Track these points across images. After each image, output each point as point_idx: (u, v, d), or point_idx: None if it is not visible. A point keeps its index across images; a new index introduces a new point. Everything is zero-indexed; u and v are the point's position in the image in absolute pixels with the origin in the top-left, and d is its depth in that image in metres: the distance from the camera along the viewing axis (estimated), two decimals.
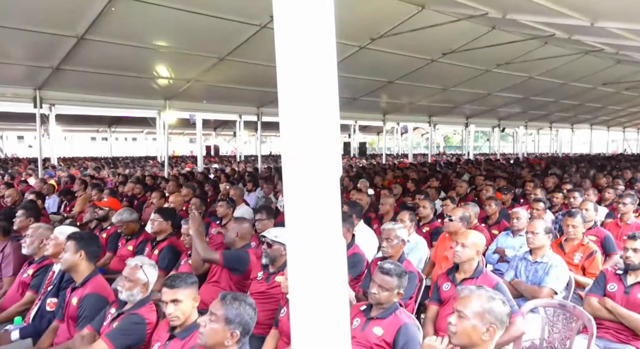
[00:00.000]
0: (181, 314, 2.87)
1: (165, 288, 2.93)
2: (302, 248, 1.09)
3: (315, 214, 1.09)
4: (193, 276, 3.04)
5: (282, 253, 3.82)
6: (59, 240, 4.00)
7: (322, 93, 1.12)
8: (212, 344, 2.39)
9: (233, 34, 9.71)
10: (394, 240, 3.97)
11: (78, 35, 8.77)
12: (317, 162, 1.10)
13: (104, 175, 13.67)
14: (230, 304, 2.42)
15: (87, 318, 3.37)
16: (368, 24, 10.08)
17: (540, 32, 10.34)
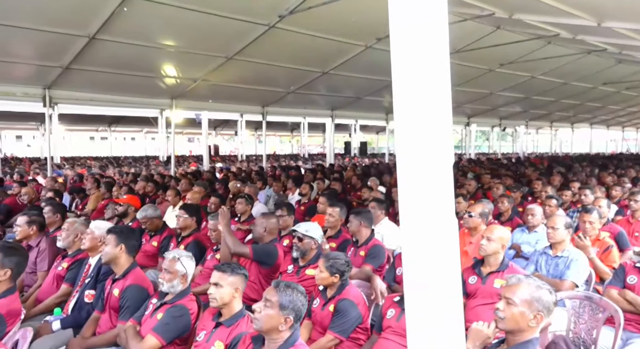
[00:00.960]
0: (219, 297, 3.01)
1: (214, 270, 3.09)
2: (417, 241, 1.17)
3: (429, 208, 1.17)
4: (243, 270, 3.15)
5: (312, 246, 3.94)
6: (95, 235, 4.11)
7: (436, 95, 1.20)
8: (267, 329, 2.51)
9: (241, 33, 9.79)
10: None
11: (89, 35, 8.84)
12: (430, 160, 1.18)
13: (110, 174, 13.72)
14: (283, 291, 2.54)
15: (129, 308, 3.48)
16: (375, 23, 10.12)
17: (544, 32, 10.46)
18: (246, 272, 3.17)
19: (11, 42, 9.08)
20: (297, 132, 36.11)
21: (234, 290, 3.05)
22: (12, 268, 3.16)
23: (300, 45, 10.69)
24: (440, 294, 1.18)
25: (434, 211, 1.18)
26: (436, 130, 1.18)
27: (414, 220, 1.19)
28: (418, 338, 1.22)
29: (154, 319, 3.26)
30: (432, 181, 1.18)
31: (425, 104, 1.19)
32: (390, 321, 3.13)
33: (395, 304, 3.22)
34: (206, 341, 3.02)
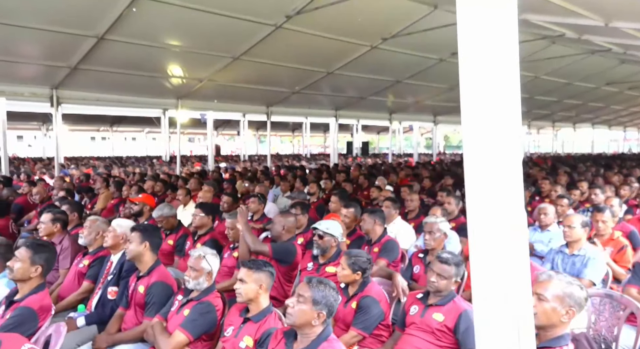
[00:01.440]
0: (243, 292, 3.07)
1: (241, 267, 3.17)
2: (488, 241, 1.20)
3: (499, 207, 1.20)
4: (269, 267, 3.20)
5: (332, 244, 3.99)
6: (117, 232, 4.16)
7: (505, 94, 1.23)
8: (300, 324, 2.55)
9: (248, 34, 9.82)
10: (436, 233, 4.12)
11: (98, 35, 8.87)
12: (501, 159, 1.21)
13: (115, 174, 13.75)
14: (316, 287, 2.58)
15: (155, 305, 3.53)
16: (381, 23, 10.20)
17: (550, 32, 10.50)
18: (273, 269, 3.22)
19: (20, 43, 9.12)
20: (298, 132, 36.17)
21: (259, 286, 3.10)
22: (43, 264, 3.21)
23: (306, 46, 10.72)
24: (511, 292, 1.21)
25: (504, 210, 1.21)
26: (506, 129, 1.21)
27: (485, 219, 1.22)
28: (487, 337, 1.24)
29: (180, 315, 3.31)
30: (503, 180, 1.20)
31: (495, 104, 1.22)
32: (414, 318, 3.18)
33: (418, 301, 3.27)
34: (234, 336, 3.07)
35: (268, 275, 3.16)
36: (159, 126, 28.01)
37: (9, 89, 10.55)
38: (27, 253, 3.20)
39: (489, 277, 1.23)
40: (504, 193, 1.21)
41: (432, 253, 4.13)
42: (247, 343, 2.99)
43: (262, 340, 2.93)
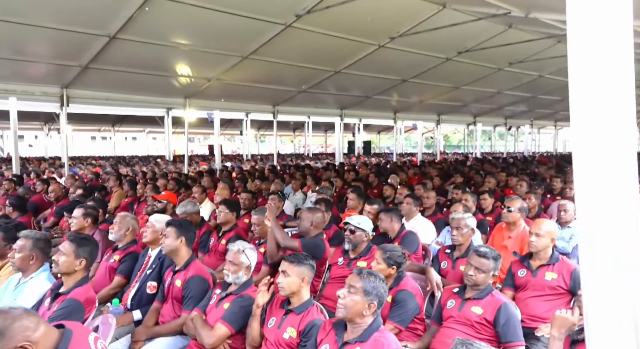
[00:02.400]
0: (286, 286, 3.13)
1: (283, 260, 3.23)
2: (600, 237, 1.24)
3: (613, 205, 1.24)
4: (310, 260, 3.27)
5: (363, 239, 4.04)
6: (156, 228, 4.22)
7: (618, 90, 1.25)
8: (352, 314, 2.60)
9: (258, 33, 9.87)
10: (464, 228, 4.18)
11: (110, 34, 8.92)
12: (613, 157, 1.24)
13: (123, 173, 13.78)
14: (367, 278, 2.64)
15: (193, 298, 3.58)
16: (389, 22, 10.23)
17: (557, 31, 10.53)
18: (313, 263, 3.27)
19: (32, 42, 9.16)
20: (299, 131, 36.21)
21: (301, 279, 3.15)
22: (86, 257, 3.27)
23: (314, 45, 10.77)
24: (626, 288, 1.24)
25: (619, 208, 1.25)
26: (620, 124, 1.25)
27: (599, 218, 1.26)
28: (599, 333, 1.27)
29: (220, 309, 3.36)
30: (617, 178, 1.25)
31: (608, 100, 1.26)
32: (451, 311, 3.24)
33: (455, 295, 3.32)
34: (277, 328, 3.12)
35: (309, 268, 3.22)
36: (160, 126, 28.16)
37: (20, 88, 10.58)
38: (71, 246, 3.25)
39: (602, 275, 1.26)
40: (617, 190, 1.25)
41: (460, 249, 4.18)
42: (290, 334, 3.04)
43: (306, 331, 2.99)
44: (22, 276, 3.55)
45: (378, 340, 2.54)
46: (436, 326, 3.34)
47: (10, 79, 10.43)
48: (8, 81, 10.44)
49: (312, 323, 3.00)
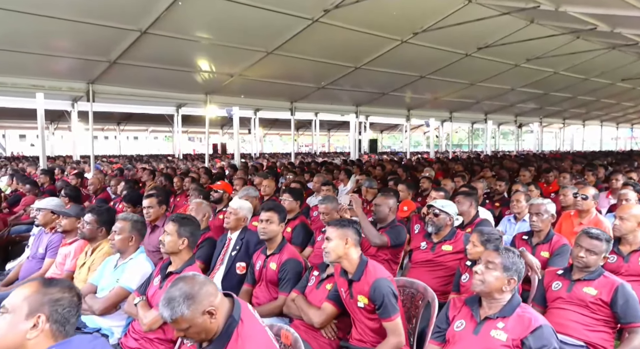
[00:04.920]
0: (330, 250, 3.11)
1: (327, 225, 3.28)
2: None
3: None
4: (357, 225, 3.27)
5: (447, 222, 4.05)
6: (239, 215, 4.25)
7: None
8: (490, 290, 2.60)
9: (285, 27, 9.90)
10: (544, 214, 4.18)
11: (141, 29, 8.91)
12: None
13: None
14: (505, 254, 2.64)
15: (290, 281, 3.60)
16: (414, 17, 10.26)
17: (581, 26, 10.57)
18: (359, 227, 3.27)
19: (62, 37, 9.15)
20: (302, 130, 36.16)
21: (344, 241, 3.11)
22: (188, 237, 3.27)
23: (338, 40, 10.81)
24: None
25: None
26: None
27: None
28: None
29: (322, 290, 3.37)
30: None
31: None
32: (559, 293, 3.22)
33: (560, 277, 3.31)
34: (350, 298, 3.11)
35: (354, 231, 3.18)
36: (164, 124, 28.14)
37: (47, 84, 10.54)
38: (174, 226, 3.27)
39: None
40: None
41: (539, 235, 4.19)
42: (363, 302, 3.03)
43: (372, 294, 2.96)
44: (120, 257, 3.56)
45: (522, 315, 2.52)
46: (540, 308, 3.33)
47: (37, 75, 10.39)
48: (35, 76, 10.38)
49: (374, 285, 2.96)
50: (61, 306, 1.80)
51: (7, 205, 7.42)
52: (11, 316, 1.74)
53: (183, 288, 2.08)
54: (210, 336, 2.13)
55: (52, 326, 1.76)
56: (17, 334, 1.71)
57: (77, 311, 1.86)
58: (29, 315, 1.75)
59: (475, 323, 2.60)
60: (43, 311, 1.76)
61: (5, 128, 34.72)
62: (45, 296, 1.79)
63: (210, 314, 2.08)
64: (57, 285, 1.86)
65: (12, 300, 1.78)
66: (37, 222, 4.61)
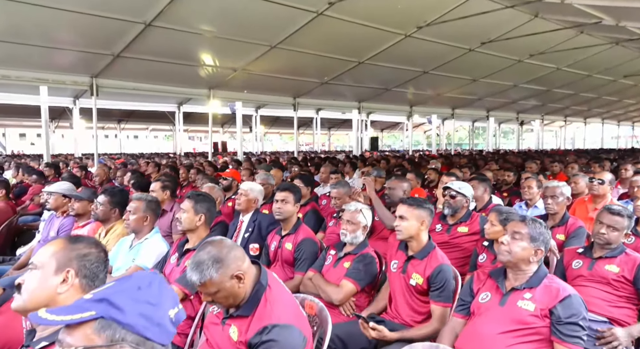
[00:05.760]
0: (404, 229, 3.13)
1: (400, 204, 3.25)
2: None
3: None
4: (429, 204, 3.26)
5: (464, 204, 4.03)
6: (249, 196, 4.26)
7: None
8: (517, 261, 2.56)
9: (289, 20, 9.84)
10: (559, 197, 4.17)
11: (146, 21, 8.86)
12: None
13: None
14: (532, 225, 2.61)
15: (307, 260, 3.60)
16: (418, 11, 10.22)
17: (587, 19, 10.54)
18: (432, 207, 3.27)
19: (65, 29, 9.07)
20: (302, 129, 36.10)
21: (420, 223, 3.14)
22: (205, 213, 3.27)
23: (342, 34, 10.76)
24: None
25: None
26: None
27: None
28: None
29: (340, 268, 3.36)
30: None
31: None
32: (580, 271, 3.19)
33: (580, 256, 3.29)
34: (402, 272, 3.11)
35: (428, 212, 3.20)
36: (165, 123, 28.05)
37: (51, 77, 10.48)
38: (189, 203, 3.27)
39: None
40: None
41: (554, 218, 4.18)
42: (417, 281, 3.04)
43: (434, 276, 2.98)
44: (135, 237, 3.54)
45: (550, 286, 2.48)
46: None
47: (41, 68, 10.34)
48: (39, 70, 10.33)
49: (439, 268, 2.99)
50: (89, 261, 1.79)
51: (13, 196, 7.38)
52: (40, 272, 1.72)
53: (211, 251, 2.07)
54: (238, 301, 2.12)
55: (82, 281, 1.74)
56: (48, 289, 1.69)
57: (105, 267, 1.84)
58: (58, 270, 1.73)
59: (501, 294, 2.57)
60: (71, 266, 1.75)
61: (5, 127, 34.63)
62: (72, 251, 1.77)
63: (239, 278, 2.07)
64: (83, 240, 1.85)
65: (40, 257, 1.76)
66: (49, 206, 4.60)
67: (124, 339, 1.13)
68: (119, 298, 1.17)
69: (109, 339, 1.13)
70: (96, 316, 1.13)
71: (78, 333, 1.13)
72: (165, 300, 1.23)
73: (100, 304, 1.16)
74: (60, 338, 1.15)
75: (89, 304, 1.16)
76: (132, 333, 1.14)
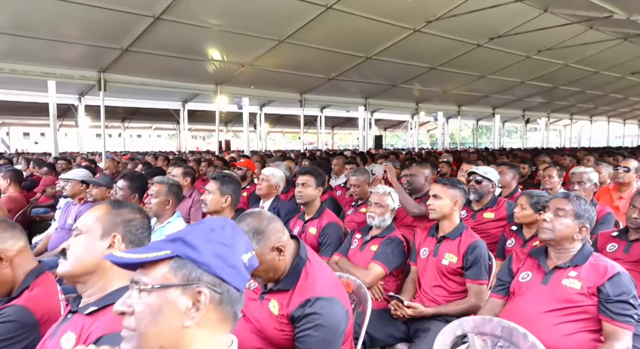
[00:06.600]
0: (438, 208, 3.12)
1: (435, 183, 3.23)
2: None
3: None
4: (463, 185, 3.22)
5: (490, 189, 3.97)
6: (271, 182, 4.21)
7: None
8: (561, 238, 2.48)
9: (298, 14, 9.76)
10: (586, 183, 4.12)
11: (155, 15, 8.79)
12: None
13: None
14: (577, 201, 2.52)
15: (332, 244, 3.55)
16: (427, 5, 10.15)
17: (597, 13, 10.46)
18: (466, 188, 3.24)
19: (73, 22, 9.00)
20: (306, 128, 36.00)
21: (454, 203, 3.12)
22: (231, 194, 3.22)
23: (351, 28, 10.67)
24: None
25: None
26: None
27: None
28: None
29: (367, 251, 3.29)
30: None
31: None
32: (615, 254, 3.11)
33: (615, 239, 3.22)
34: (433, 256, 3.06)
35: (462, 193, 3.17)
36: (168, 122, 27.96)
37: (59, 72, 10.42)
38: (215, 184, 3.23)
39: None
40: None
41: None
42: (450, 260, 3.00)
43: (469, 252, 2.94)
44: (157, 221, 3.48)
45: (596, 264, 2.39)
46: None
47: (49, 62, 10.27)
48: (47, 64, 10.27)
49: (474, 244, 2.95)
50: (134, 226, 1.75)
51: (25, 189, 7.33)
52: (86, 237, 1.67)
53: (251, 223, 2.02)
54: (278, 274, 2.07)
55: (128, 247, 1.70)
56: (95, 254, 1.63)
57: (149, 234, 1.80)
58: (104, 235, 1.69)
59: (544, 273, 2.48)
60: (117, 230, 1.70)
61: (9, 126, 34.55)
62: (117, 216, 1.73)
63: (279, 250, 2.01)
64: (127, 206, 1.81)
65: (85, 221, 1.71)
66: (66, 193, 4.54)
67: (200, 279, 1.10)
68: (193, 238, 1.13)
69: (185, 279, 1.10)
70: (171, 255, 1.10)
71: (154, 272, 1.10)
72: (238, 243, 1.18)
73: (175, 243, 1.12)
74: (136, 278, 1.11)
75: (164, 244, 1.13)
76: (208, 273, 1.11)
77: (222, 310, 1.13)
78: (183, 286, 1.09)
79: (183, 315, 1.09)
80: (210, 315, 1.11)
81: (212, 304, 1.11)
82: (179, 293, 1.09)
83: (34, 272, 1.95)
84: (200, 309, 1.09)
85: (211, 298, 1.11)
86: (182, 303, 1.09)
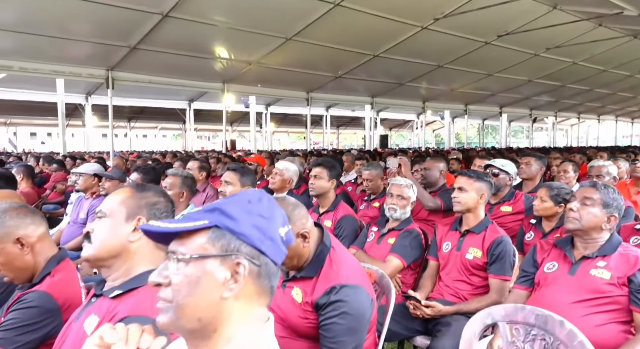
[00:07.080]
0: (463, 201, 3.06)
1: (460, 176, 3.17)
2: None
3: None
4: (489, 178, 3.17)
5: (507, 182, 3.92)
6: (285, 176, 4.19)
7: None
8: (588, 228, 2.43)
9: (306, 11, 9.71)
10: (605, 176, 4.07)
11: (163, 12, 8.75)
12: None
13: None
14: (604, 190, 2.47)
15: (347, 237, 3.51)
16: (434, 1, 10.08)
17: (607, 9, 10.37)
18: (492, 180, 3.18)
19: (81, 20, 8.96)
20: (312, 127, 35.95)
21: (479, 196, 3.06)
22: (251, 186, 3.19)
23: (359, 25, 10.61)
24: None
25: None
26: None
27: None
28: None
29: (384, 244, 3.25)
30: None
31: None
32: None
33: (638, 232, 3.19)
34: (457, 250, 3.01)
35: (488, 186, 3.12)
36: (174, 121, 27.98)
37: (68, 70, 10.40)
38: (235, 175, 3.22)
39: None
40: None
41: None
42: (474, 254, 2.94)
43: (494, 247, 2.89)
44: None
45: (626, 254, 2.32)
46: None
47: (57, 60, 10.26)
48: (56, 62, 10.26)
49: (499, 239, 2.90)
50: (158, 210, 1.72)
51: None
52: (110, 220, 1.64)
53: None
54: (302, 262, 2.03)
55: None
56: (119, 237, 1.60)
57: (173, 217, 1.76)
58: (129, 218, 1.65)
59: (570, 263, 2.43)
60: (142, 213, 1.67)
61: (17, 126, 34.63)
62: (142, 199, 1.70)
63: (304, 237, 1.97)
64: (150, 189, 1.78)
65: (108, 205, 1.68)
66: (78, 187, 4.52)
67: (239, 250, 1.06)
68: (232, 208, 1.09)
69: (224, 249, 1.06)
70: (209, 225, 1.06)
71: (191, 243, 1.06)
72: (276, 216, 1.15)
73: (213, 213, 1.08)
74: (173, 249, 1.07)
75: (201, 214, 1.09)
76: (247, 244, 1.07)
77: (260, 283, 1.10)
78: (222, 257, 1.06)
79: (221, 287, 1.05)
80: (249, 288, 1.08)
81: (250, 276, 1.08)
82: (217, 263, 1.06)
83: (55, 258, 1.93)
84: (239, 281, 1.06)
85: (250, 270, 1.07)
86: (221, 274, 1.05)
